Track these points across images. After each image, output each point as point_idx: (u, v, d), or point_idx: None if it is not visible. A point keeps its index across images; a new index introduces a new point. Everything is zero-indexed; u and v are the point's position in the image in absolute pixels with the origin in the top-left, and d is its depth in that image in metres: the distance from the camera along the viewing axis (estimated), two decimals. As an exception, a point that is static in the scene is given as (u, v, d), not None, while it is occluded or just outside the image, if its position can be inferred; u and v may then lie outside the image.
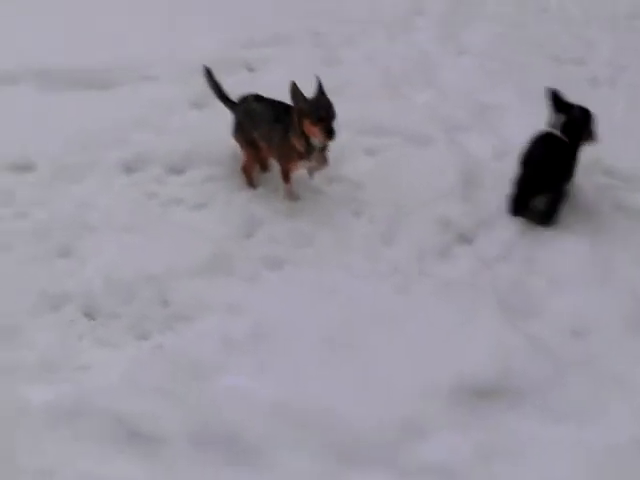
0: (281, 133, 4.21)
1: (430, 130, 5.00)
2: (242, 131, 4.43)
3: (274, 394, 3.23)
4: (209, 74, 4.54)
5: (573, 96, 5.40)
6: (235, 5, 6.53)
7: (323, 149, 4.23)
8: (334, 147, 4.59)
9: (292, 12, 6.48)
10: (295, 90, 4.09)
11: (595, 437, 3.11)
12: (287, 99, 4.18)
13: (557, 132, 4.34)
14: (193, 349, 3.45)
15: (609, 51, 6.44)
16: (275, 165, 4.45)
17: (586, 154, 4.41)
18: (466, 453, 3.11)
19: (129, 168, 4.48)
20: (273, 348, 3.45)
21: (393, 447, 3.11)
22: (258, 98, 4.46)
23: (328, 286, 3.81)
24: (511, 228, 4.28)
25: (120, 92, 5.20)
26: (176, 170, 4.51)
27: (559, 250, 4.11)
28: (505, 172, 4.68)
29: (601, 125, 4.47)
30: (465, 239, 4.24)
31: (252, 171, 4.46)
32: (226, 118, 4.53)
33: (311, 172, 4.39)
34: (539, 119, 5.16)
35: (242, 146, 4.45)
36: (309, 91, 4.30)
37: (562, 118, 4.37)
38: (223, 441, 3.09)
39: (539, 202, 4.33)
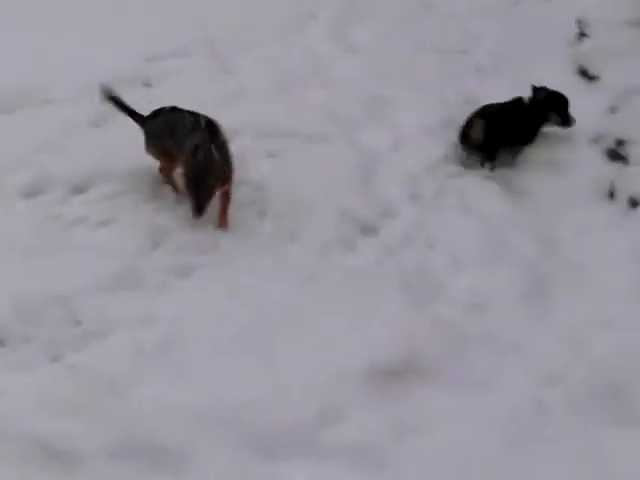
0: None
1: (327, 128, 5.14)
2: (156, 143, 4.44)
3: (191, 399, 3.28)
4: (110, 94, 4.55)
5: (459, 85, 5.68)
6: (130, 20, 6.52)
7: None
8: (235, 151, 4.70)
9: (186, 24, 6.51)
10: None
11: (497, 402, 3.28)
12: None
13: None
14: (108, 364, 3.46)
15: (493, 40, 6.72)
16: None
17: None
18: (381, 431, 3.24)
19: (30, 192, 4.45)
20: (186, 354, 3.51)
21: (311, 434, 3.21)
22: (174, 109, 4.48)
23: (237, 287, 3.88)
24: (411, 214, 4.46)
25: (20, 116, 5.14)
26: (79, 190, 4.51)
27: (457, 231, 4.30)
28: (401, 162, 4.88)
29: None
30: (368, 229, 4.39)
31: (172, 174, 4.48)
32: (127, 135, 4.56)
33: None
34: (428, 110, 5.40)
35: (158, 158, 4.47)
36: (208, 101, 4.42)
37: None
38: (144, 452, 3.12)
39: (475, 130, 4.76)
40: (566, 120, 4.98)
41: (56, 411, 3.25)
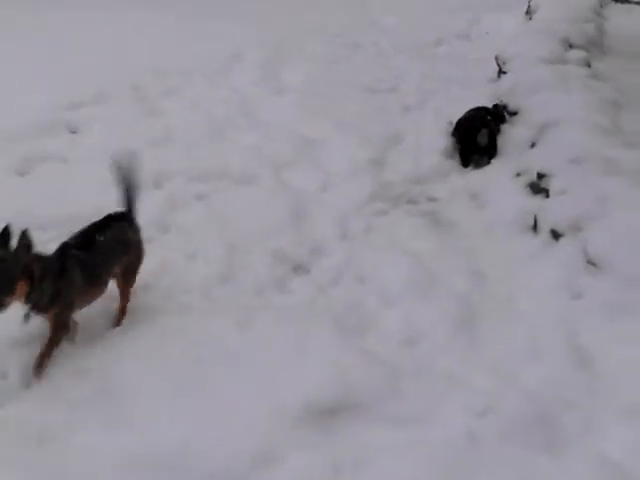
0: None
1: (256, 169, 5.21)
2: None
3: (123, 444, 3.21)
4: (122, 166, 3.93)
5: (387, 123, 5.82)
6: (54, 68, 6.52)
7: None
8: (165, 196, 4.68)
9: (112, 69, 6.55)
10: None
11: (433, 435, 3.30)
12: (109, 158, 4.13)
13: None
14: (38, 416, 3.38)
15: (418, 78, 6.92)
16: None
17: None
18: (319, 470, 3.21)
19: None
20: (120, 400, 3.43)
21: (248, 476, 3.17)
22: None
23: (170, 330, 3.84)
24: (341, 252, 4.52)
25: None
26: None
27: (386, 267, 4.35)
28: (330, 202, 4.95)
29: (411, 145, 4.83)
30: (300, 268, 4.43)
31: None
32: (51, 183, 4.51)
33: None
34: (356, 148, 5.51)
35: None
36: (136, 145, 4.40)
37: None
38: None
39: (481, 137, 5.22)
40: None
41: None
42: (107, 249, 3.83)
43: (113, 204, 4.62)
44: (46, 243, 4.36)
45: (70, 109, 5.86)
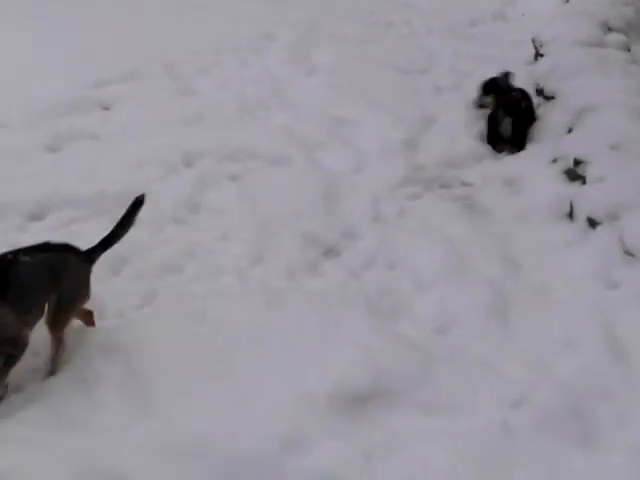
0: None
1: (288, 150, 5.14)
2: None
3: (150, 427, 3.21)
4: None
5: (419, 104, 5.74)
6: (85, 43, 6.49)
7: None
8: (195, 176, 4.65)
9: (143, 47, 6.49)
10: None
11: (466, 424, 3.27)
12: (143, 139, 4.10)
13: None
14: (65, 394, 3.35)
15: (452, 59, 6.80)
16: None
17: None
18: (349, 457, 3.19)
19: (-16, 220, 4.35)
20: (147, 382, 3.43)
21: (278, 462, 3.15)
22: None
23: (198, 312, 3.82)
24: (374, 236, 4.47)
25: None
26: (36, 216, 4.43)
27: (419, 252, 4.30)
28: (362, 183, 4.89)
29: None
30: (331, 252, 4.38)
31: None
32: (83, 160, 4.48)
33: None
34: (389, 130, 5.44)
35: None
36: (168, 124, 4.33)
37: None
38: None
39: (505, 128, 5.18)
40: None
41: (13, 442, 3.13)
42: (30, 274, 3.35)
43: (143, 182, 4.66)
44: (77, 221, 4.41)
45: (102, 86, 5.83)
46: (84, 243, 4.17)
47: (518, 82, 5.87)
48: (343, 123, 5.51)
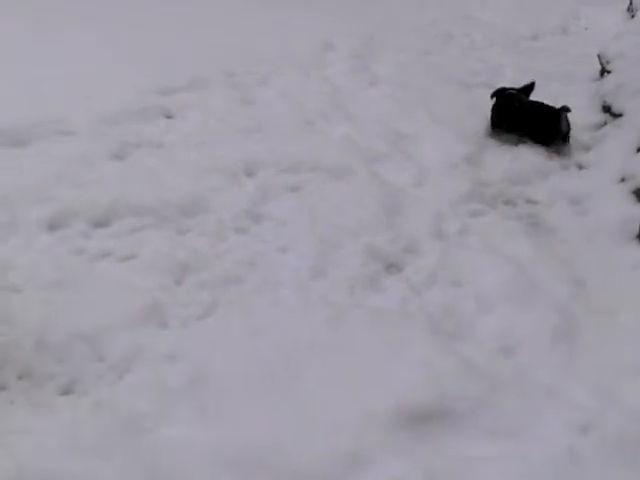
0: None
1: (349, 162, 5.13)
2: None
3: (214, 439, 3.21)
4: None
5: (483, 117, 5.68)
6: (149, 52, 6.58)
7: None
8: (257, 186, 4.66)
9: (206, 55, 6.57)
10: None
11: (532, 451, 3.19)
12: (206, 148, 4.14)
13: None
14: (131, 402, 3.40)
15: (512, 72, 6.73)
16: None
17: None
18: (411, 477, 3.15)
19: (52, 225, 4.39)
20: (211, 393, 3.43)
21: (341, 478, 3.13)
22: None
23: (261, 324, 3.82)
24: (436, 252, 4.41)
25: (37, 148, 5.12)
26: (101, 223, 4.47)
27: (483, 271, 4.23)
28: (424, 198, 4.85)
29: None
30: (393, 267, 4.34)
31: None
32: (148, 167, 4.52)
33: None
34: (451, 144, 5.39)
35: None
36: (229, 133, 4.34)
37: None
38: (165, 493, 3.05)
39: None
40: None
41: (78, 450, 3.17)
42: None
43: (206, 191, 4.70)
44: (141, 229, 4.45)
45: (165, 94, 5.89)
46: (148, 251, 4.27)
47: (583, 98, 5.77)
48: (405, 136, 5.49)
